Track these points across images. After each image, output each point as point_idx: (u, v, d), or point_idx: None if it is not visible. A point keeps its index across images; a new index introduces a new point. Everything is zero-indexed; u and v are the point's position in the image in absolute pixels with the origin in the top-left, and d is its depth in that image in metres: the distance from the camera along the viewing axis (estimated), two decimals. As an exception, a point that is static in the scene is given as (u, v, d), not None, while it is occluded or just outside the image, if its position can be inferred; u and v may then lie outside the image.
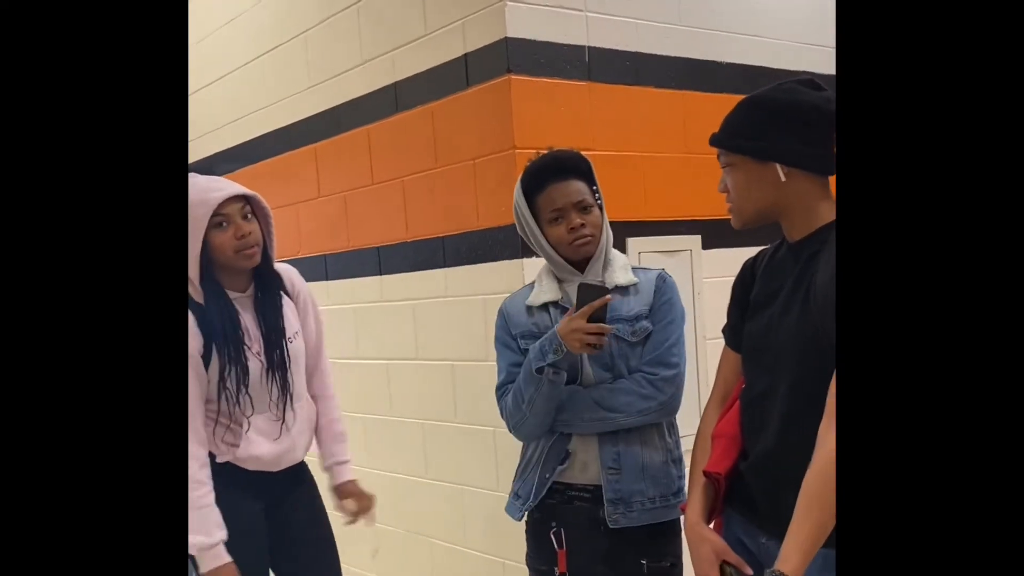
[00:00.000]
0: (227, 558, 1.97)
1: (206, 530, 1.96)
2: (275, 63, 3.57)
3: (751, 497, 1.50)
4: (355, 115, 3.16)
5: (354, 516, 2.30)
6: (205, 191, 1.99)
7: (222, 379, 2.02)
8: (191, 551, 1.96)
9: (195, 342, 1.99)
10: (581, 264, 1.93)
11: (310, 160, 3.41)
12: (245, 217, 2.03)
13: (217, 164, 3.97)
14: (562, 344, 1.82)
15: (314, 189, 3.38)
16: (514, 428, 1.97)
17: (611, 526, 1.87)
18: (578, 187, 1.91)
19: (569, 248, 1.91)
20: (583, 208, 1.90)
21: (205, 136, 4.09)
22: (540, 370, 1.86)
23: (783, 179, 1.43)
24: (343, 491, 2.31)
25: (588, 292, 1.81)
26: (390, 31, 2.96)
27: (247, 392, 2.05)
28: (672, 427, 1.97)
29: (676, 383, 1.90)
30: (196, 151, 4.19)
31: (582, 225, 1.89)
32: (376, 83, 3.04)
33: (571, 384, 1.92)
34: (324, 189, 3.37)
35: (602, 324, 1.80)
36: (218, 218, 1.98)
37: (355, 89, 3.14)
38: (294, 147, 3.49)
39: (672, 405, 1.91)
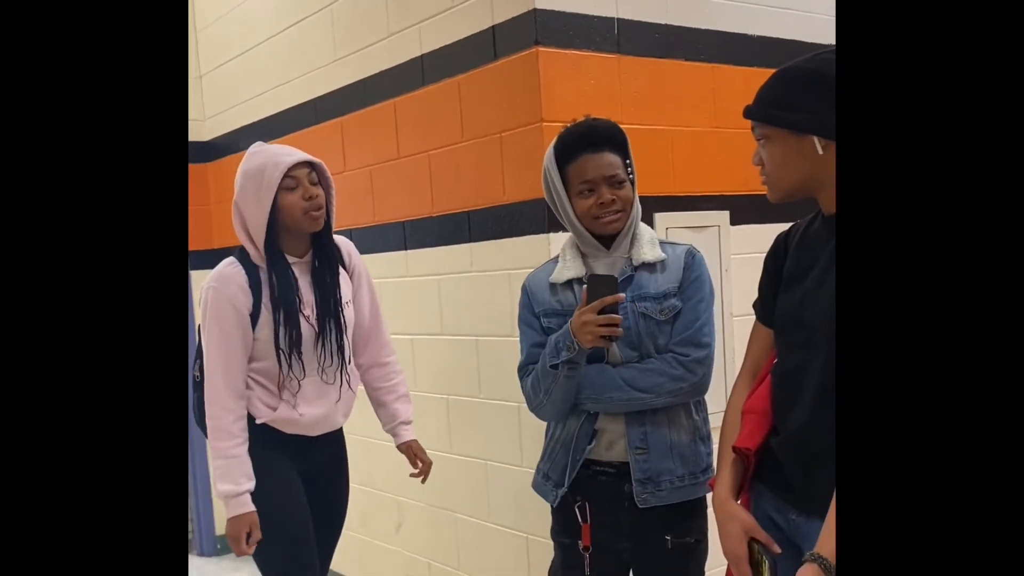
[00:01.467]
0: (251, 507, 2.07)
1: (233, 479, 2.07)
2: (301, 36, 3.55)
3: (782, 473, 1.48)
4: (381, 88, 3.14)
5: (421, 472, 2.45)
6: (277, 155, 2.12)
7: (276, 341, 2.10)
8: (219, 498, 2.07)
9: (245, 301, 2.10)
10: (608, 240, 1.90)
11: (336, 134, 3.40)
12: (312, 182, 2.14)
13: (242, 138, 3.97)
14: (575, 341, 1.80)
15: (340, 163, 3.37)
16: (534, 411, 1.97)
17: (640, 506, 1.86)
18: (611, 160, 1.86)
19: (597, 223, 1.87)
20: (615, 183, 1.86)
21: (231, 110, 4.09)
22: (555, 366, 1.85)
23: (820, 152, 1.39)
24: (412, 448, 2.45)
25: (599, 284, 1.78)
26: (417, 3, 2.93)
27: (300, 357, 2.13)
28: (700, 404, 1.95)
29: (707, 364, 1.88)
30: (222, 125, 4.19)
31: (612, 201, 1.85)
32: (403, 56, 3.02)
33: (597, 363, 1.89)
34: (350, 163, 3.36)
35: (612, 316, 1.76)
36: (289, 180, 2.09)
37: (381, 62, 3.12)
38: (320, 121, 3.48)
39: (702, 385, 1.89)
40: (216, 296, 2.10)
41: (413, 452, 2.45)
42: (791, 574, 1.30)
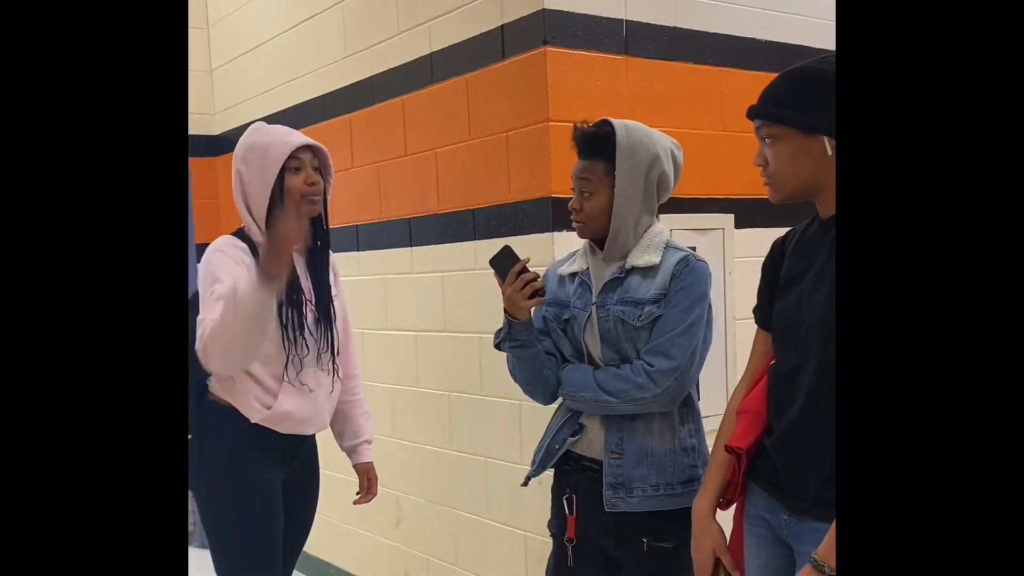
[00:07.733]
0: None
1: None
2: (311, 32, 3.57)
3: (774, 473, 1.49)
4: (390, 85, 3.16)
5: (364, 500, 2.42)
6: (283, 134, 2.10)
7: (280, 319, 2.05)
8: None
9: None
10: (599, 242, 1.93)
11: (344, 130, 3.42)
12: (315, 168, 2.13)
13: (252, 133, 3.99)
14: (507, 318, 1.87)
15: (347, 159, 3.39)
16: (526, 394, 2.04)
17: (608, 509, 1.86)
18: (587, 169, 1.90)
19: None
20: (582, 193, 1.90)
21: (240, 104, 4.11)
22: (499, 346, 1.92)
23: (829, 152, 1.40)
24: (370, 472, 2.40)
25: (501, 260, 1.85)
26: (427, 2, 2.95)
27: (303, 335, 2.10)
28: (687, 416, 1.91)
29: (673, 375, 1.81)
30: (231, 120, 4.21)
31: (575, 210, 1.91)
32: (412, 54, 3.04)
33: (582, 362, 1.93)
34: (357, 159, 3.38)
35: (524, 275, 1.82)
36: (294, 161, 2.08)
37: (391, 59, 3.14)
38: (328, 117, 3.50)
39: (667, 398, 1.83)
40: (224, 258, 2.02)
41: (369, 477, 2.39)
42: (780, 571, 1.32)
